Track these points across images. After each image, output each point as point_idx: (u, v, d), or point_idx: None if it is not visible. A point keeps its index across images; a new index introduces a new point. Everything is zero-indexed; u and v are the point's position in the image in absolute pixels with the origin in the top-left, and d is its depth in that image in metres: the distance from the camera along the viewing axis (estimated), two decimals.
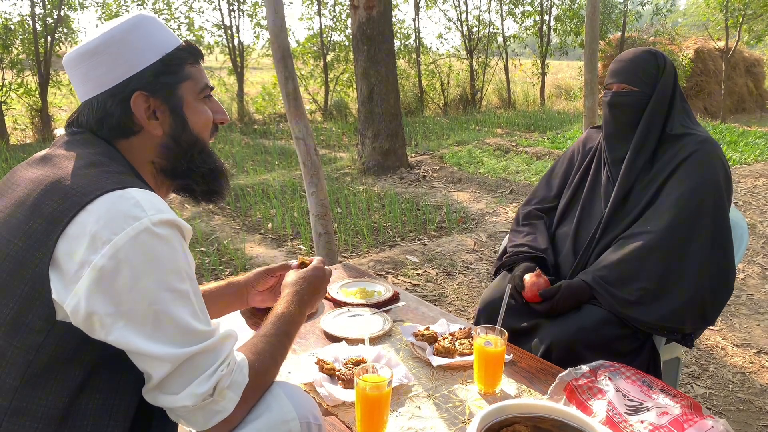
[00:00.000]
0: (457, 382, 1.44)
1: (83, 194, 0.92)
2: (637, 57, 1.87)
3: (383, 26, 6.59)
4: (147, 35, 1.07)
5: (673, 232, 1.67)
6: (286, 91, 3.22)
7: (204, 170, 1.13)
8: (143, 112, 1.05)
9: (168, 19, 11.58)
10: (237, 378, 0.99)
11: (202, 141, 1.13)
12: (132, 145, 1.07)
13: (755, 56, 14.88)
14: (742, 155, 7.41)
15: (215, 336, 0.97)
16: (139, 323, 0.90)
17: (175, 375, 0.93)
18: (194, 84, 1.11)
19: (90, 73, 1.05)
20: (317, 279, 1.36)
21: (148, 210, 0.92)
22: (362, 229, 4.78)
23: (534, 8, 14.43)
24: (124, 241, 0.88)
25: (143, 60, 1.05)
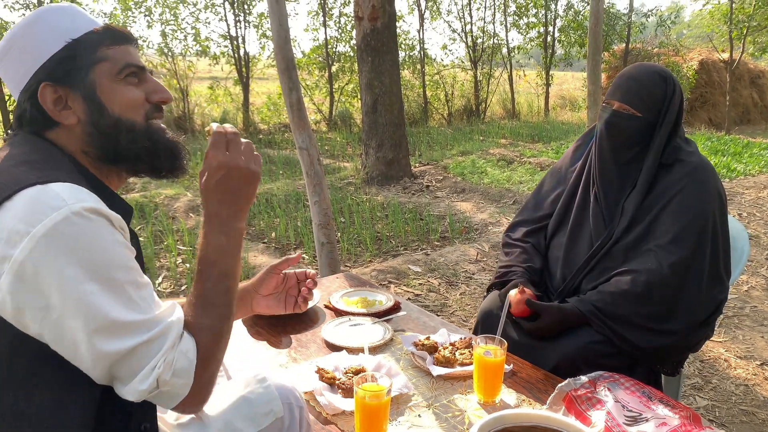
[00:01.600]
0: (457, 392, 1.45)
1: (2, 191, 0.89)
2: (646, 78, 1.73)
3: (387, 37, 6.63)
4: (49, 26, 1.02)
5: (673, 269, 1.61)
6: (290, 102, 3.25)
7: (136, 151, 1.05)
8: (52, 104, 1.01)
9: (174, 29, 11.69)
10: (181, 365, 0.94)
11: (127, 122, 1.04)
12: (59, 136, 1.03)
13: (760, 68, 14.88)
14: (746, 166, 7.41)
15: (153, 328, 0.92)
16: (68, 319, 0.86)
17: (115, 370, 0.91)
18: (111, 65, 1.03)
19: (6, 76, 1.04)
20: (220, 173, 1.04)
21: (68, 200, 0.88)
22: (365, 238, 4.79)
23: (538, 20, 14.50)
24: (42, 233, 0.85)
25: (47, 50, 1.01)
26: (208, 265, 1.03)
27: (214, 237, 1.04)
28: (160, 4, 11.48)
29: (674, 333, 1.62)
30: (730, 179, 6.84)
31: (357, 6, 6.59)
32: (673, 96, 1.72)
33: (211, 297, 1.02)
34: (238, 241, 1.06)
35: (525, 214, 2.04)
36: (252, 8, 12.11)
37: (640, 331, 1.62)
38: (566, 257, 1.85)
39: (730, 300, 3.57)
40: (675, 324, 1.62)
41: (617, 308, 1.63)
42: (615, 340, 1.63)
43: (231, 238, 1.05)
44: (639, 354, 1.64)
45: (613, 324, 1.63)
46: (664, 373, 1.69)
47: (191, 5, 11.77)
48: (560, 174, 2.01)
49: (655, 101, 1.71)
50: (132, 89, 1.05)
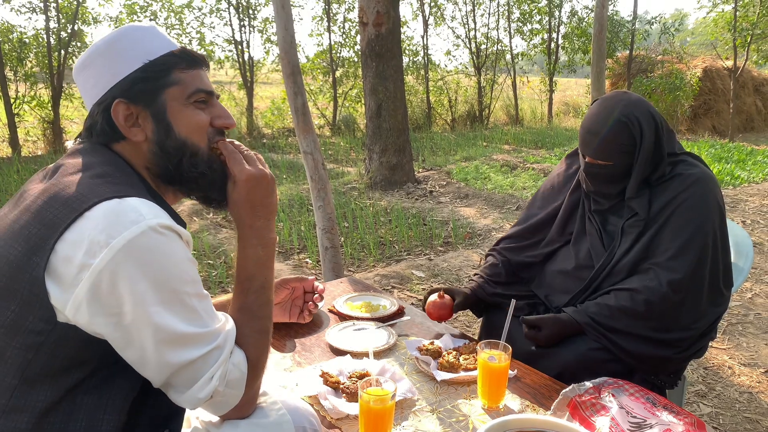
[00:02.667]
0: (461, 397, 1.45)
1: (82, 201, 0.93)
2: (608, 130, 1.65)
3: (392, 43, 6.65)
4: (131, 44, 1.07)
5: (672, 286, 1.60)
6: (294, 106, 3.26)
7: (194, 175, 1.09)
8: (123, 120, 1.05)
9: (180, 33, 11.75)
10: (233, 376, 1.02)
11: (192, 146, 1.08)
12: (125, 150, 1.08)
13: (764, 75, 14.88)
14: (750, 174, 7.40)
15: (213, 341, 0.99)
16: (140, 329, 0.92)
17: (174, 379, 0.97)
18: (182, 89, 1.08)
19: (84, 86, 1.09)
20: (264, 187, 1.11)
21: (146, 215, 0.93)
22: (369, 243, 4.80)
23: (542, 26, 14.54)
24: (122, 244, 0.89)
25: (125, 68, 1.06)
26: (248, 279, 1.09)
27: (252, 250, 1.09)
28: (166, 9, 11.56)
29: (673, 344, 1.62)
30: (734, 186, 6.83)
31: (362, 11, 6.61)
32: (642, 137, 1.65)
33: (254, 310, 1.09)
34: (273, 252, 1.12)
35: (512, 231, 2.02)
36: (257, 13, 12.19)
37: (637, 341, 1.62)
38: (566, 280, 1.83)
39: (734, 307, 3.56)
40: (674, 335, 1.61)
41: (615, 322, 1.62)
42: (612, 349, 1.63)
43: (267, 249, 1.11)
44: (636, 363, 1.63)
45: (610, 335, 1.63)
46: (663, 386, 1.68)
47: (196, 10, 11.85)
48: (553, 192, 1.98)
49: (622, 149, 1.66)
50: (199, 113, 1.10)
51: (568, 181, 1.93)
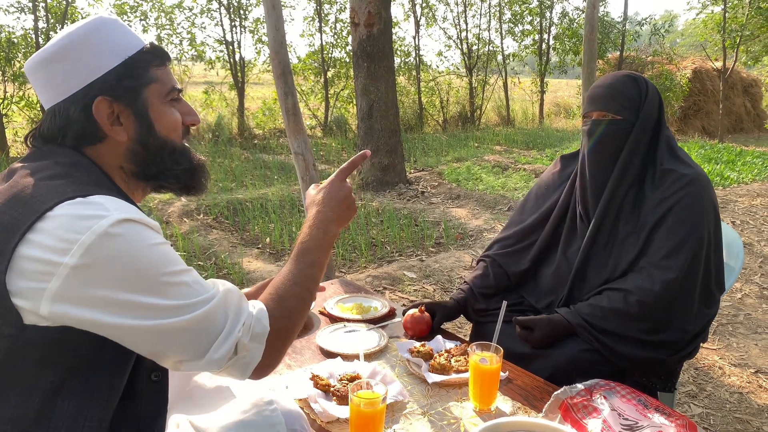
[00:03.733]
0: (453, 399, 1.44)
1: (42, 202, 0.90)
2: (617, 82, 1.73)
3: (383, 43, 6.64)
4: (108, 38, 1.03)
5: (665, 286, 1.59)
6: (285, 107, 3.24)
7: (177, 171, 1.11)
8: (106, 118, 1.02)
9: (170, 34, 11.69)
10: (257, 330, 0.99)
11: (171, 143, 1.10)
12: (98, 152, 1.05)
13: (753, 77, 15.00)
14: (739, 174, 7.45)
15: (213, 300, 0.96)
16: (126, 310, 0.89)
17: (185, 342, 0.94)
18: (160, 86, 1.08)
19: (50, 81, 1.02)
20: (340, 191, 1.23)
21: (111, 210, 0.90)
22: (360, 244, 4.79)
23: (533, 27, 14.59)
24: (91, 240, 0.87)
25: (105, 64, 1.02)
26: (303, 251, 1.13)
27: (315, 231, 1.16)
28: (156, 9, 11.49)
29: (665, 346, 1.61)
30: (724, 187, 6.87)
31: (353, 12, 6.60)
32: (647, 93, 1.70)
33: (297, 278, 1.10)
34: (332, 241, 1.18)
35: (505, 233, 2.01)
36: (248, 13, 12.13)
37: (629, 343, 1.61)
38: (556, 281, 1.83)
39: (724, 308, 3.57)
40: (666, 336, 1.61)
41: (607, 324, 1.62)
42: (604, 351, 1.62)
43: (328, 235, 1.17)
44: (628, 366, 1.63)
45: (602, 337, 1.62)
46: (655, 388, 1.67)
47: (187, 10, 11.78)
48: (548, 191, 1.97)
49: (630, 100, 1.70)
50: (174, 111, 1.11)
51: (563, 182, 1.93)
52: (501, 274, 1.93)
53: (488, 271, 1.94)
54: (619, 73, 1.76)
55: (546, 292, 1.84)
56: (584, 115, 1.79)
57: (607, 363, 1.62)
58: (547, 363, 1.65)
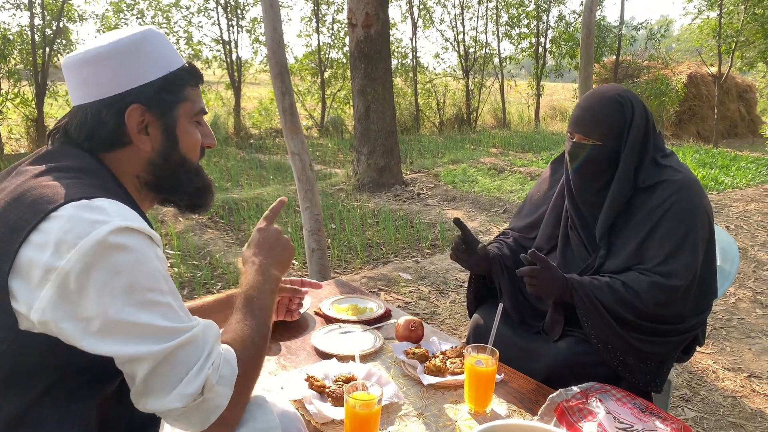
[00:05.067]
0: (448, 401, 1.43)
1: (47, 203, 0.90)
2: (601, 106, 1.66)
3: (380, 45, 6.64)
4: (154, 51, 1.06)
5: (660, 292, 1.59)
6: (282, 107, 3.24)
7: (189, 189, 1.14)
8: (135, 126, 1.04)
9: (167, 32, 11.65)
10: (225, 372, 0.96)
11: (189, 162, 1.13)
12: (118, 157, 1.06)
13: (747, 82, 15.08)
14: (734, 179, 7.48)
15: (193, 329, 0.95)
16: (111, 328, 0.88)
17: (158, 373, 0.90)
18: (191, 106, 1.11)
19: (91, 79, 1.03)
20: (267, 237, 1.28)
21: (113, 216, 0.90)
22: (356, 245, 4.78)
23: (530, 30, 14.62)
24: (89, 245, 0.86)
25: (146, 74, 1.05)
26: (249, 299, 1.13)
27: (254, 278, 1.18)
28: (153, 7, 11.46)
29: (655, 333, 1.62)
30: (718, 192, 6.89)
31: (351, 13, 6.60)
32: (633, 118, 1.65)
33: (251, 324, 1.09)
34: (275, 286, 1.20)
35: (515, 223, 2.05)
36: (245, 13, 12.13)
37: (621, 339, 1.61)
38: None
39: (718, 312, 3.58)
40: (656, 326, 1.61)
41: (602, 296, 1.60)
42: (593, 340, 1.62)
43: (269, 279, 1.19)
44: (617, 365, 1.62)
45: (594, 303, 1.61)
46: (648, 390, 1.67)
47: (184, 9, 11.76)
48: (540, 198, 1.98)
49: (613, 127, 1.65)
50: (197, 132, 1.14)
51: (553, 186, 1.93)
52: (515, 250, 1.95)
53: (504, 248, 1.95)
54: (607, 94, 1.68)
55: (544, 306, 1.84)
56: (568, 131, 1.76)
57: (601, 365, 1.62)
58: (542, 365, 1.65)
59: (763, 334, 3.30)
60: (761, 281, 4.12)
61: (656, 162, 1.69)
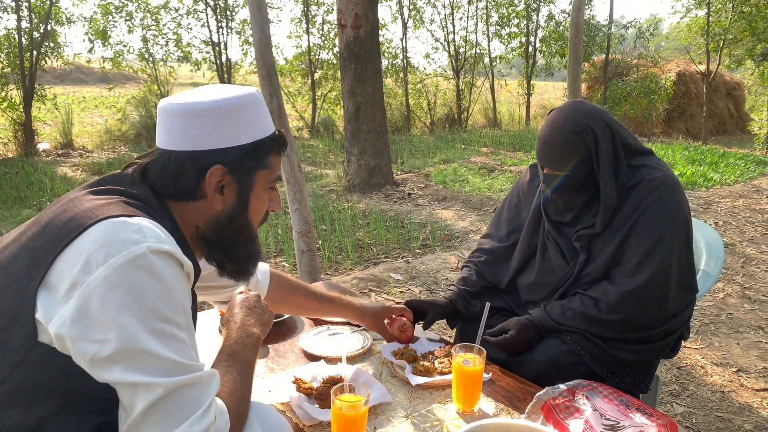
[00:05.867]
0: (436, 401, 1.44)
1: (89, 217, 0.91)
2: (561, 141, 1.64)
3: (370, 45, 6.65)
4: (251, 117, 1.08)
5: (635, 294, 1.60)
6: (270, 108, 3.23)
7: (243, 255, 1.15)
8: (214, 185, 1.05)
9: (156, 35, 11.61)
10: (220, 424, 0.95)
11: (252, 228, 1.15)
12: (185, 208, 1.07)
13: (736, 80, 15.19)
14: (722, 176, 7.53)
15: (201, 371, 0.94)
16: (123, 353, 0.86)
17: (161, 407, 0.88)
18: (270, 174, 1.13)
19: (184, 130, 1.04)
20: (247, 300, 1.27)
21: (149, 237, 0.90)
22: (346, 246, 4.78)
23: (520, 30, 14.66)
24: (118, 264, 0.86)
25: (237, 138, 1.06)
26: (234, 353, 1.12)
27: (236, 335, 1.15)
28: (141, 9, 11.40)
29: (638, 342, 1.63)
30: (707, 188, 6.94)
31: (340, 14, 6.60)
32: (596, 142, 1.63)
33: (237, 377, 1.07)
34: (257, 343, 1.18)
35: (486, 242, 2.02)
36: (235, 14, 12.10)
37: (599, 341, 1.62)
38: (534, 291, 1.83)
39: (706, 307, 3.61)
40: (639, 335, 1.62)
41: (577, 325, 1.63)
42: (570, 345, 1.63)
43: (249, 337, 1.16)
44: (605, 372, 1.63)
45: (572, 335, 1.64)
46: (635, 393, 1.68)
47: (173, 11, 11.72)
48: (518, 204, 1.98)
49: (577, 157, 1.64)
50: (266, 198, 1.16)
51: (532, 191, 1.93)
52: (483, 278, 1.94)
53: (471, 274, 1.95)
54: (565, 127, 1.64)
55: (526, 302, 1.85)
56: (538, 162, 1.75)
57: (585, 364, 1.63)
58: (527, 368, 1.65)
59: (751, 328, 3.33)
60: (749, 276, 4.16)
61: (630, 165, 1.68)
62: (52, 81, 14.02)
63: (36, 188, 6.95)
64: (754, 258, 4.55)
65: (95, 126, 12.15)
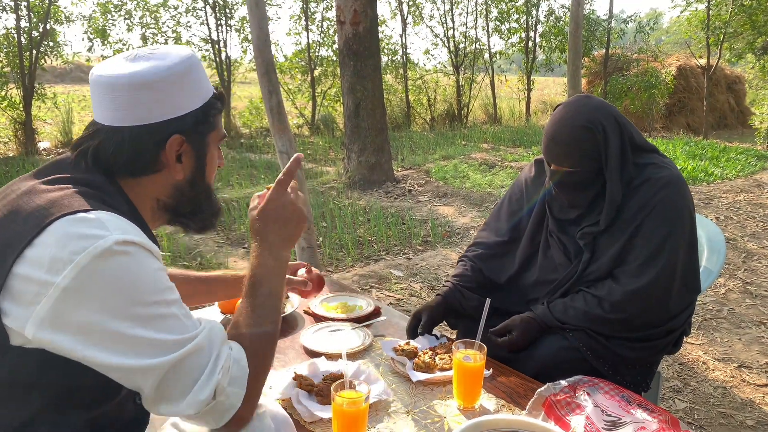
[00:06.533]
0: (437, 398, 1.43)
1: (45, 216, 0.88)
2: (570, 137, 1.62)
3: (369, 42, 6.63)
4: (197, 80, 1.06)
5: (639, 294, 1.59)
6: (269, 106, 3.23)
7: (207, 212, 1.16)
8: (173, 155, 1.04)
9: (155, 33, 11.60)
10: (236, 373, 0.96)
11: (210, 186, 1.15)
12: (140, 182, 1.05)
13: (736, 73, 15.15)
14: (723, 170, 7.51)
15: (198, 336, 0.94)
16: (112, 343, 0.86)
17: (167, 383, 0.90)
18: (217, 133, 1.12)
19: (131, 104, 0.99)
20: (282, 207, 1.12)
21: (112, 230, 0.88)
22: (347, 243, 4.78)
23: (520, 25, 14.63)
24: (87, 261, 0.85)
25: (189, 104, 1.04)
26: (257, 283, 1.08)
27: (264, 259, 1.09)
28: (141, 8, 11.40)
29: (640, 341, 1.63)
30: (708, 183, 6.93)
31: (339, 10, 6.58)
32: (606, 140, 1.61)
33: (259, 312, 1.06)
34: (285, 267, 1.12)
35: (484, 236, 1.99)
36: (234, 12, 12.08)
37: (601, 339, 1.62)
38: (537, 290, 1.81)
39: (708, 303, 3.60)
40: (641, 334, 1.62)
41: (580, 324, 1.63)
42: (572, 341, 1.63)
43: (279, 262, 1.11)
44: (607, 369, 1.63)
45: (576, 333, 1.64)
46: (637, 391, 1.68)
47: (172, 9, 11.71)
48: (520, 199, 1.94)
49: (587, 153, 1.62)
50: (216, 157, 1.15)
51: (537, 187, 1.90)
52: (480, 273, 1.92)
53: (468, 271, 1.93)
54: (573, 122, 1.62)
55: (528, 299, 1.83)
56: (545, 158, 1.73)
57: (586, 360, 1.63)
58: (529, 364, 1.64)
59: (752, 324, 3.33)
60: (751, 272, 4.15)
61: (636, 163, 1.67)
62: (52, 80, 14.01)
63: None
64: (756, 253, 4.54)
65: None
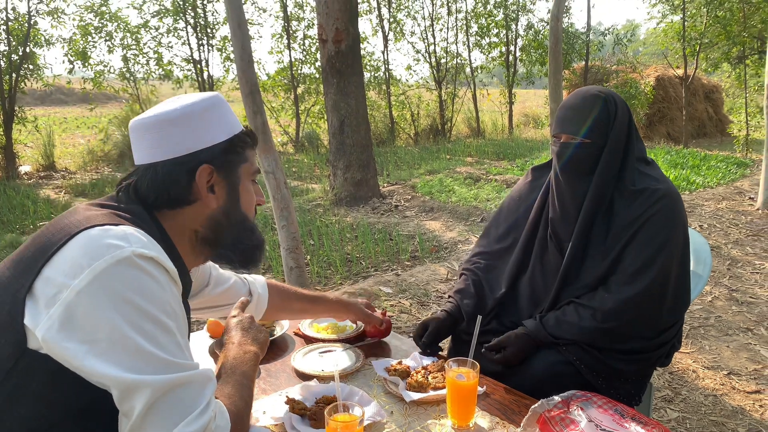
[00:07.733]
0: (431, 417, 1.42)
1: (75, 227, 0.95)
2: (586, 104, 1.68)
3: (352, 59, 6.67)
4: (221, 115, 1.14)
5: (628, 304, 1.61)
6: (254, 125, 3.22)
7: (247, 246, 1.20)
8: (204, 185, 1.10)
9: (136, 54, 11.57)
10: (221, 422, 0.97)
11: (249, 219, 1.21)
12: (178, 214, 1.11)
13: (713, 83, 15.42)
14: (705, 179, 7.62)
15: (194, 371, 0.95)
16: (114, 352, 0.88)
17: (159, 408, 0.90)
18: (250, 166, 1.19)
19: (163, 140, 1.08)
20: (241, 322, 1.32)
21: (133, 242, 0.93)
22: (335, 260, 4.76)
23: (500, 40, 14.80)
24: (102, 268, 0.89)
25: (215, 137, 1.12)
26: (232, 366, 1.16)
27: (235, 352, 1.20)
28: (121, 29, 11.37)
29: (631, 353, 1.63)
30: (690, 192, 7.02)
31: (321, 29, 6.62)
32: (617, 114, 1.68)
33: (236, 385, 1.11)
34: (255, 359, 1.22)
35: (483, 245, 2.00)
36: (215, 32, 12.09)
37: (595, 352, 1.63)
38: (532, 295, 1.82)
39: (695, 311, 3.63)
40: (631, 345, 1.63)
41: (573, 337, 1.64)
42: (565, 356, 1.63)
43: (248, 354, 1.21)
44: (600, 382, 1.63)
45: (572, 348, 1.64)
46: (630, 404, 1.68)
47: (153, 29, 11.69)
48: (518, 205, 1.96)
49: (598, 123, 1.67)
50: (252, 191, 1.22)
51: (533, 191, 1.92)
52: (479, 285, 1.92)
53: (470, 287, 1.92)
54: (589, 93, 1.71)
55: (523, 314, 1.83)
56: (554, 135, 1.76)
57: (580, 374, 1.63)
58: (523, 378, 1.64)
59: (739, 330, 3.36)
60: (736, 278, 4.20)
61: (639, 170, 1.70)
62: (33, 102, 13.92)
63: (19, 212, 6.86)
64: (740, 260, 4.59)
65: (77, 147, 12.06)
